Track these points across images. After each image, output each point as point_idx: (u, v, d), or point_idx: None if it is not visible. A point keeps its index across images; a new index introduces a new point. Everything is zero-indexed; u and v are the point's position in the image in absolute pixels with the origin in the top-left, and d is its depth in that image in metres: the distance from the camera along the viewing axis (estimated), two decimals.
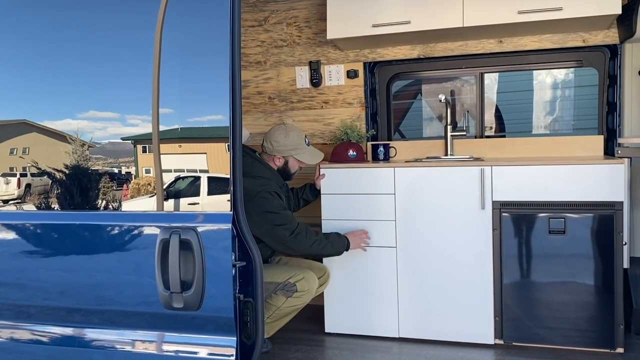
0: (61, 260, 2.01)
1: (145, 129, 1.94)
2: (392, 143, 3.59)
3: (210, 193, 1.94)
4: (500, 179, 2.85)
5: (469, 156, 3.37)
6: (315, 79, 3.72)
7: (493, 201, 2.87)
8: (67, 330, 2.01)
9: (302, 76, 3.77)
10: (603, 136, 3.30)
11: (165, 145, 1.94)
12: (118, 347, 1.95)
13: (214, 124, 1.89)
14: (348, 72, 3.68)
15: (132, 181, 2.03)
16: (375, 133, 3.71)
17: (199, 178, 1.97)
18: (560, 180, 2.77)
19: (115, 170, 2.07)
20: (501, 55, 3.47)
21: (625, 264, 2.78)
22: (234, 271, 1.78)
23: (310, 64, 3.74)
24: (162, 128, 1.90)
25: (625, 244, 2.74)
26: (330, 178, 3.12)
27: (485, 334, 2.92)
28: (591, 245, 2.76)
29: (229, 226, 1.78)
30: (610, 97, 3.29)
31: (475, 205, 2.89)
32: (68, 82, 2.07)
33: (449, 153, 3.42)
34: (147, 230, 1.89)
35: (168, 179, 1.95)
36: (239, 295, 1.80)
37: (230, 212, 1.79)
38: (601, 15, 2.83)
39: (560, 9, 2.86)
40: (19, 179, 2.22)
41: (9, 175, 2.23)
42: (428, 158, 3.37)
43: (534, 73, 5.18)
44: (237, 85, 1.80)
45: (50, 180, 2.09)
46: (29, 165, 2.17)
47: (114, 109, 2.02)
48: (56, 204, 2.07)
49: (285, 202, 2.85)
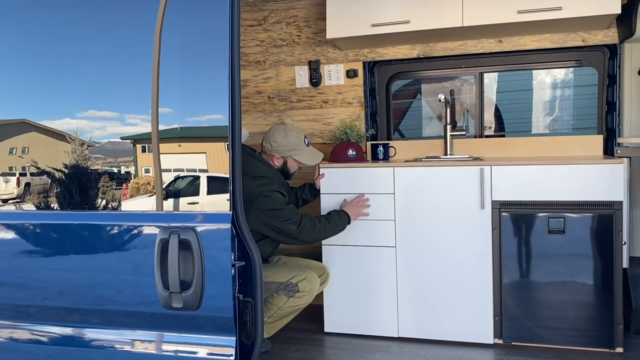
0: (60, 260, 2.01)
1: (145, 128, 1.94)
2: (392, 143, 3.59)
3: (209, 192, 1.93)
4: (499, 179, 2.85)
5: (468, 156, 3.37)
6: (315, 79, 3.72)
7: (492, 201, 2.87)
8: (67, 330, 2.01)
9: (302, 76, 3.77)
10: (602, 136, 3.30)
11: (165, 144, 1.93)
12: (117, 347, 1.95)
13: (214, 123, 1.89)
14: (347, 72, 3.68)
15: (132, 181, 2.03)
16: (374, 133, 3.70)
17: (198, 178, 1.96)
18: (559, 180, 2.77)
19: (115, 169, 2.07)
20: (501, 54, 3.47)
21: (625, 264, 2.79)
22: (233, 271, 1.78)
23: (309, 63, 3.74)
24: (162, 127, 1.90)
25: (625, 243, 2.75)
26: (330, 178, 3.12)
27: (485, 334, 2.92)
28: (590, 245, 2.76)
29: (228, 226, 1.78)
30: (609, 97, 3.29)
31: (475, 205, 2.89)
32: (67, 82, 2.06)
33: (449, 153, 3.41)
34: (147, 230, 1.88)
35: (167, 179, 1.95)
36: (238, 295, 1.80)
37: (230, 212, 1.79)
38: (601, 15, 2.83)
39: (559, 9, 2.86)
40: (18, 178, 2.22)
41: (8, 175, 2.22)
42: (427, 158, 3.37)
43: (533, 73, 5.18)
44: (237, 84, 1.80)
45: (50, 180, 2.09)
46: (28, 164, 2.17)
47: (113, 108, 2.01)
48: (55, 204, 2.07)
49: (287, 198, 2.86)
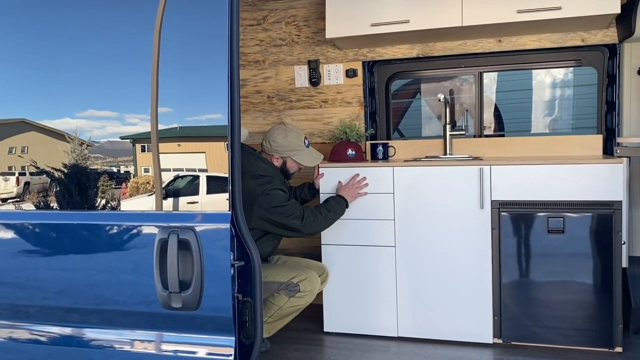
0: (60, 259, 2.00)
1: (144, 127, 1.94)
2: (391, 142, 3.59)
3: (209, 192, 1.93)
4: (499, 179, 2.85)
5: (468, 155, 3.37)
6: (314, 78, 3.72)
7: (492, 200, 2.87)
8: (66, 330, 2.01)
9: (301, 75, 3.76)
10: (602, 135, 3.29)
11: (164, 144, 1.93)
12: (117, 347, 1.95)
13: (213, 123, 1.89)
14: (347, 71, 3.67)
15: (131, 180, 2.03)
16: (374, 132, 3.70)
17: (197, 177, 1.96)
18: (559, 180, 2.77)
19: (114, 169, 2.07)
20: (500, 54, 3.47)
21: (624, 263, 2.79)
22: (232, 271, 1.78)
23: (309, 63, 3.73)
24: (161, 127, 1.90)
25: (624, 243, 2.75)
26: (329, 177, 3.12)
27: (484, 333, 2.92)
28: (590, 245, 2.76)
29: (228, 226, 1.78)
30: (609, 97, 3.29)
31: (474, 205, 2.89)
32: (66, 81, 2.06)
33: (448, 152, 3.41)
34: (146, 230, 1.88)
35: (167, 178, 1.95)
36: (237, 295, 1.80)
37: (229, 212, 1.79)
38: (600, 14, 2.83)
39: (559, 9, 2.86)
40: (17, 177, 2.22)
41: (7, 174, 2.22)
42: (427, 157, 3.37)
43: (533, 72, 5.19)
44: (236, 84, 1.79)
45: (49, 179, 2.09)
46: (28, 164, 2.16)
47: (112, 107, 2.01)
48: (55, 203, 2.06)
49: (288, 195, 2.86)
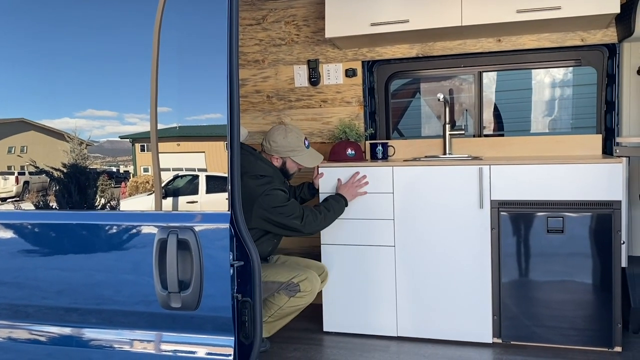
0: (59, 259, 2.00)
1: (143, 127, 1.93)
2: (391, 142, 3.59)
3: (208, 192, 1.93)
4: (498, 178, 2.85)
5: (467, 155, 3.37)
6: (314, 78, 3.72)
7: (491, 200, 2.87)
8: (65, 330, 2.01)
9: (301, 75, 3.76)
10: (601, 135, 3.29)
11: (164, 143, 1.93)
12: (116, 347, 1.95)
13: (212, 122, 1.89)
14: (346, 71, 3.67)
15: (130, 180, 2.03)
16: (373, 132, 3.70)
17: (197, 177, 1.96)
18: (558, 179, 2.77)
19: (114, 169, 2.07)
20: (500, 54, 3.47)
21: (624, 263, 2.79)
22: (231, 271, 1.78)
23: (308, 62, 3.73)
24: (160, 126, 1.90)
25: (624, 243, 2.75)
26: (329, 177, 3.12)
27: (484, 333, 2.92)
28: (589, 244, 2.77)
29: (227, 225, 1.78)
30: (608, 96, 3.29)
31: (474, 204, 2.89)
32: (66, 81, 2.06)
33: (448, 152, 3.41)
34: (145, 230, 1.88)
35: (166, 178, 1.95)
36: (236, 295, 1.80)
37: (228, 212, 1.79)
38: (600, 14, 2.83)
39: (558, 8, 2.86)
40: (16, 177, 2.21)
41: (6, 174, 2.22)
42: (426, 157, 3.37)
43: (532, 72, 5.19)
44: (235, 83, 1.79)
45: (48, 179, 2.09)
46: (27, 164, 2.16)
47: (112, 107, 2.01)
48: (54, 203, 2.06)
49: (288, 194, 2.86)
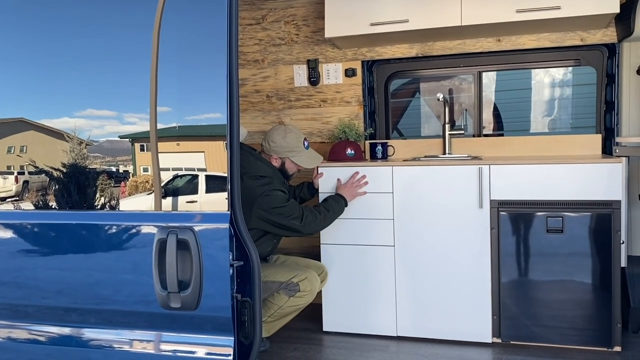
0: (58, 259, 2.00)
1: (143, 127, 1.93)
2: (390, 142, 3.59)
3: (208, 191, 1.93)
4: (498, 178, 2.85)
5: (467, 155, 3.37)
6: (314, 78, 3.71)
7: (491, 200, 2.87)
8: (65, 330, 2.01)
9: (300, 75, 3.76)
10: (601, 135, 3.29)
11: (163, 143, 1.93)
12: (116, 347, 1.95)
13: (212, 122, 1.89)
14: (346, 71, 3.67)
15: (130, 179, 2.03)
16: (373, 132, 3.70)
17: (196, 176, 1.96)
18: (558, 179, 2.77)
19: (113, 168, 2.07)
20: (499, 54, 3.47)
21: (623, 263, 2.79)
22: (231, 271, 1.78)
23: (308, 62, 3.73)
24: (160, 126, 1.90)
25: (623, 242, 2.75)
26: (328, 177, 3.11)
27: (483, 333, 2.92)
28: (589, 244, 2.77)
29: (227, 225, 1.78)
30: (608, 96, 3.29)
31: (474, 204, 2.89)
32: (65, 80, 2.06)
33: (447, 152, 3.41)
34: (145, 230, 1.88)
35: (166, 177, 1.94)
36: (236, 295, 1.80)
37: (228, 212, 1.79)
38: (599, 14, 2.83)
39: (558, 8, 2.86)
40: (16, 177, 2.21)
41: (6, 174, 2.22)
42: (426, 157, 3.37)
43: (532, 72, 5.19)
44: (235, 83, 1.79)
45: (48, 179, 2.08)
46: (27, 163, 2.16)
47: (111, 107, 2.01)
48: (53, 203, 2.06)
49: (288, 195, 2.86)
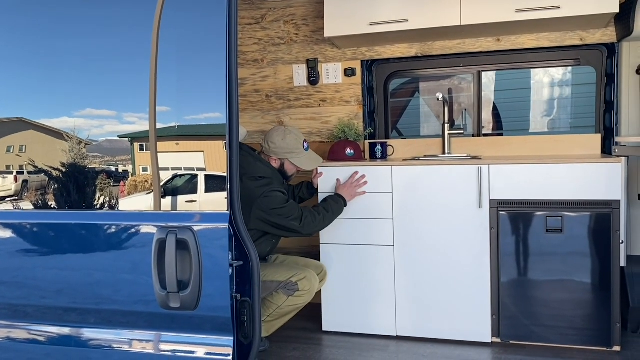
0: (58, 259, 2.00)
1: (142, 126, 1.93)
2: (390, 141, 3.58)
3: (207, 191, 1.93)
4: (497, 178, 2.85)
5: (466, 155, 3.37)
6: (313, 77, 3.71)
7: (490, 200, 2.87)
8: (64, 330, 2.01)
9: (300, 74, 3.76)
10: (600, 135, 3.29)
11: (163, 143, 1.93)
12: (115, 347, 1.95)
13: (211, 121, 1.89)
14: (346, 70, 3.67)
15: (129, 179, 2.02)
16: (372, 131, 3.70)
17: (196, 176, 1.96)
18: (557, 179, 2.77)
19: (112, 168, 2.06)
20: (499, 53, 3.47)
21: (622, 263, 2.79)
22: (230, 271, 1.78)
23: (307, 62, 3.73)
24: (159, 126, 1.90)
25: (622, 242, 2.75)
26: (328, 177, 3.11)
27: (483, 332, 2.92)
28: (588, 244, 2.77)
29: (226, 225, 1.78)
30: (607, 96, 3.29)
31: (473, 204, 2.89)
32: (64, 80, 2.05)
33: (447, 151, 3.41)
34: (144, 230, 1.88)
35: (165, 177, 1.94)
36: (236, 295, 1.80)
37: (227, 212, 1.79)
38: (599, 13, 2.83)
39: (558, 8, 2.86)
40: (15, 177, 2.21)
41: (5, 174, 2.22)
42: (426, 156, 3.37)
43: (531, 71, 5.20)
44: (234, 83, 1.79)
45: (47, 179, 2.08)
46: (26, 163, 2.16)
47: (110, 106, 2.01)
48: (53, 203, 2.06)
49: (287, 196, 2.86)
